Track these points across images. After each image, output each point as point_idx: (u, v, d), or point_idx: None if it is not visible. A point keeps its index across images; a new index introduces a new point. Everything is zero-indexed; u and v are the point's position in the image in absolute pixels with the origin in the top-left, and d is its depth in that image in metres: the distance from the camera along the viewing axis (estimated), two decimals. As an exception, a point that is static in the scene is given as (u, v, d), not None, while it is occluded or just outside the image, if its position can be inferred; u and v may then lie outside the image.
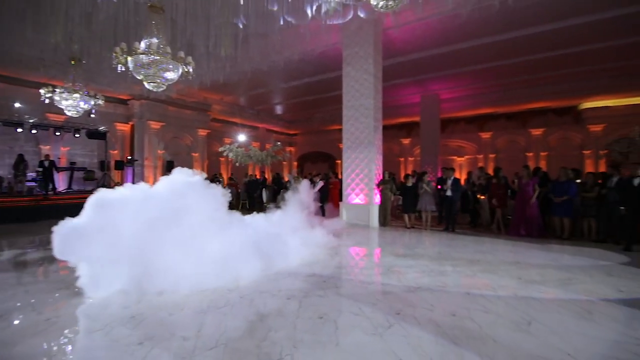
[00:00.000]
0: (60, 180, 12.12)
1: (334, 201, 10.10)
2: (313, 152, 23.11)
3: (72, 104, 9.51)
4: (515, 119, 16.39)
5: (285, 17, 7.40)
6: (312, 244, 5.72)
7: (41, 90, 9.23)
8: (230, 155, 13.74)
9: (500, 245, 6.41)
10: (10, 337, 2.57)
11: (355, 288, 3.89)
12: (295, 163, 23.72)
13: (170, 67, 6.35)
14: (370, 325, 2.78)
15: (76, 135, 11.82)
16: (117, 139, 14.56)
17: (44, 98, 9.25)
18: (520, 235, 7.25)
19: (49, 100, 9.32)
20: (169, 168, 13.38)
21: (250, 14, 7.25)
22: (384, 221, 8.76)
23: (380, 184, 8.87)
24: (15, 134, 10.89)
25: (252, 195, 12.93)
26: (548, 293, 3.67)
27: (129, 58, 6.16)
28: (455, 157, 17.99)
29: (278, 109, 18.81)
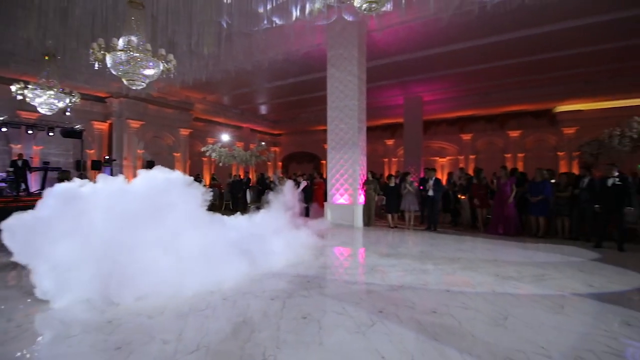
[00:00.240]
0: (32, 181, 11.60)
1: (318, 201, 10.13)
2: (298, 152, 23.08)
3: (46, 101, 9.12)
4: (495, 122, 16.93)
5: (269, 16, 7.36)
6: (297, 245, 5.71)
7: (12, 87, 8.80)
8: (214, 155, 13.57)
9: (480, 244, 6.60)
10: (-22, 346, 2.44)
11: (339, 288, 3.91)
12: (280, 163, 23.61)
13: (151, 64, 6.19)
14: (354, 324, 2.81)
15: (50, 133, 11.32)
16: (94, 138, 14.07)
17: (15, 95, 8.83)
18: (498, 234, 7.48)
19: (21, 97, 8.90)
20: (149, 168, 13.02)
21: (233, 12, 7.18)
22: (368, 221, 8.85)
23: (365, 184, 8.96)
24: (-17, 132, 10.37)
25: (236, 195, 12.77)
26: (523, 289, 3.82)
27: (107, 55, 5.97)
28: (438, 157, 18.39)
29: (262, 109, 18.67)
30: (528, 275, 4.37)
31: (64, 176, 12.24)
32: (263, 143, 12.86)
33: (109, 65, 6.04)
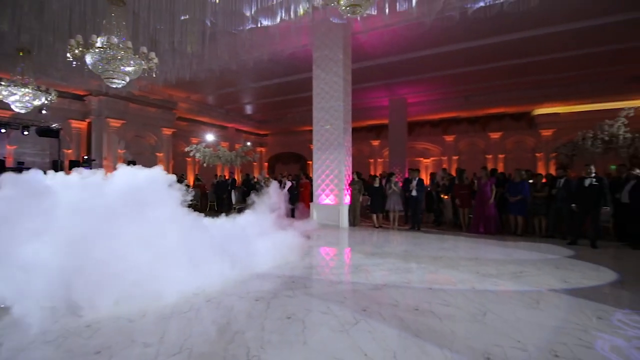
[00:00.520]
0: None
1: (305, 202, 10.13)
2: (284, 152, 23.00)
3: (21, 99, 8.77)
4: (476, 123, 17.40)
5: (255, 16, 7.32)
6: (282, 245, 5.68)
7: (-17, 84, 8.43)
8: (198, 155, 13.35)
9: (462, 243, 6.77)
10: (-55, 354, 2.33)
11: (324, 287, 3.93)
12: (265, 164, 23.46)
13: (131, 62, 6.05)
14: (338, 323, 2.83)
15: (25, 132, 10.89)
16: (72, 138, 13.61)
17: (-14, 92, 8.46)
18: (479, 233, 7.69)
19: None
20: (130, 168, 12.69)
21: (217, 11, 7.10)
22: (354, 221, 8.92)
23: (350, 184, 9.03)
24: (-48, 131, 9.87)
25: (221, 196, 12.61)
26: (502, 285, 3.94)
27: (86, 53, 5.79)
28: (422, 158, 18.72)
29: (248, 109, 18.52)
30: (507, 272, 4.51)
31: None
32: (249, 143, 12.75)
33: (87, 63, 5.87)
